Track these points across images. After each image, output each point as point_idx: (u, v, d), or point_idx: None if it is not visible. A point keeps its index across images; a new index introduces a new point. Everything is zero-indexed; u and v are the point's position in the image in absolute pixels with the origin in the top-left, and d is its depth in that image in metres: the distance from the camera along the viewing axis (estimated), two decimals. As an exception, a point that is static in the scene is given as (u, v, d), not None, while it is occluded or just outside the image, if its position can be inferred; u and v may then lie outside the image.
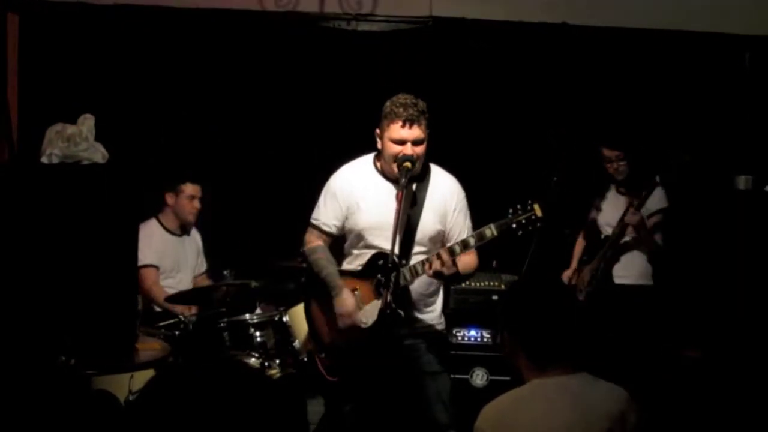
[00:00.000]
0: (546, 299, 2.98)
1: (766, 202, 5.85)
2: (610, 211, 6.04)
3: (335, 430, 4.72)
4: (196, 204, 6.23)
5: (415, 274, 4.38)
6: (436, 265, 4.30)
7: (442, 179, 4.60)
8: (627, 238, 5.91)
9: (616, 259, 5.93)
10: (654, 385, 5.32)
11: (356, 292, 4.47)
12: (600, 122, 6.40)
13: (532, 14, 6.57)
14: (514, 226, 4.36)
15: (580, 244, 6.36)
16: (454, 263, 4.34)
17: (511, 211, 4.38)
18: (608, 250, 5.90)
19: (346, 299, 4.46)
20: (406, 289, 4.42)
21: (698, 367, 5.76)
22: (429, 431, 4.55)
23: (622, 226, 5.82)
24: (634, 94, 6.68)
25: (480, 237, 4.36)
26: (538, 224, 4.50)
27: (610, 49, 6.61)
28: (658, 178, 5.75)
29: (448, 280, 4.55)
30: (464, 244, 4.37)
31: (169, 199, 6.20)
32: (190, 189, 6.21)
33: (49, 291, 4.10)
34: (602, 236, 6.07)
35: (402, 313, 4.36)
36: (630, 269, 5.95)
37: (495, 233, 4.34)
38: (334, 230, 4.62)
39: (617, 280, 5.93)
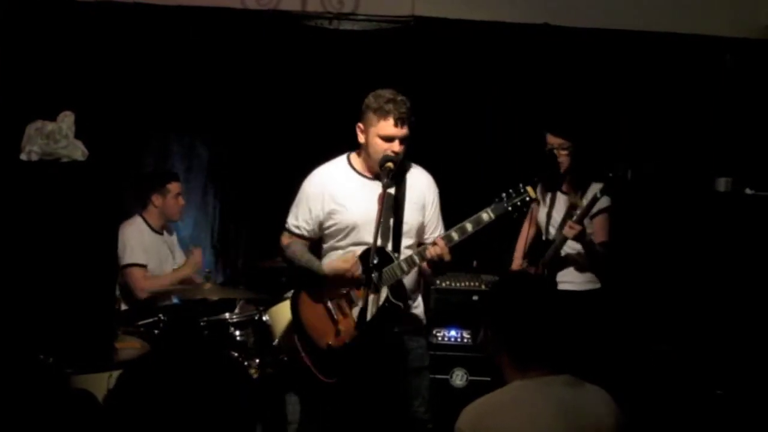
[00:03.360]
0: (530, 298, 2.98)
1: (746, 204, 5.87)
2: (552, 211, 5.78)
3: (316, 429, 4.71)
4: (181, 201, 6.26)
5: (412, 264, 4.40)
6: (436, 251, 4.32)
7: (418, 174, 4.63)
8: (569, 250, 5.65)
9: (560, 266, 5.67)
10: (630, 385, 5.32)
11: (351, 292, 4.46)
12: (581, 122, 6.37)
13: (514, 15, 6.57)
14: (509, 208, 4.39)
15: (524, 239, 5.99)
16: (450, 251, 4.37)
17: (504, 194, 4.41)
18: (550, 259, 5.62)
19: (332, 262, 4.49)
20: (401, 283, 4.43)
21: (670, 362, 5.75)
22: (408, 426, 4.56)
23: (560, 236, 5.54)
24: (615, 95, 6.70)
25: (477, 222, 4.37)
26: (532, 205, 4.70)
27: (592, 51, 6.63)
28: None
29: (442, 269, 4.55)
30: (462, 231, 4.37)
31: (156, 200, 6.21)
32: (176, 187, 6.22)
33: (28, 289, 4.08)
34: (543, 237, 5.81)
35: (402, 305, 4.39)
36: (574, 275, 5.69)
37: (492, 217, 4.37)
38: (306, 233, 4.63)
39: (561, 287, 5.54)
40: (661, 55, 6.62)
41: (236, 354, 5.38)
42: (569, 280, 5.66)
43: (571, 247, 5.63)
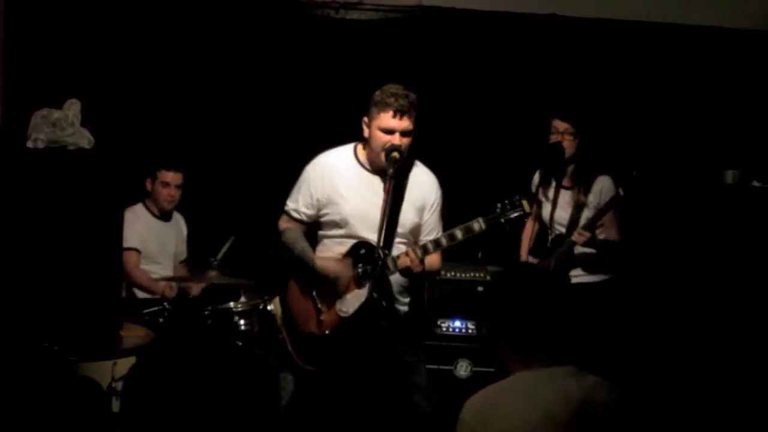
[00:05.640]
0: (532, 290, 2.97)
1: (753, 197, 5.86)
2: (556, 208, 5.68)
3: (308, 412, 4.71)
4: (172, 191, 6.26)
5: (395, 266, 4.40)
6: (405, 261, 4.33)
7: (422, 174, 4.62)
8: (580, 248, 5.52)
9: (573, 263, 5.58)
10: (633, 377, 5.31)
11: (339, 280, 4.46)
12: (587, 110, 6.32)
13: (522, 5, 6.57)
14: (502, 221, 4.36)
15: (527, 236, 5.90)
16: (422, 262, 4.37)
17: (499, 206, 4.38)
18: (562, 257, 5.51)
19: (326, 261, 4.50)
20: (387, 279, 4.43)
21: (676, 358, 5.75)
22: (412, 420, 4.56)
23: (570, 242, 5.45)
24: (621, 87, 6.68)
25: (468, 230, 4.36)
26: (525, 219, 4.68)
27: (599, 41, 6.61)
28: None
29: (414, 278, 4.54)
30: (451, 237, 4.37)
31: (149, 184, 6.27)
32: (165, 176, 6.24)
33: (34, 277, 4.08)
34: (549, 234, 5.72)
35: (384, 303, 4.38)
36: (586, 268, 5.61)
37: (483, 227, 4.35)
38: (305, 218, 4.64)
39: (575, 280, 5.58)
40: (668, 47, 6.61)
41: (240, 343, 5.39)
42: (581, 273, 5.60)
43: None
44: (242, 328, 5.52)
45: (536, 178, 5.76)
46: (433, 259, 4.53)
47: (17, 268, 4.08)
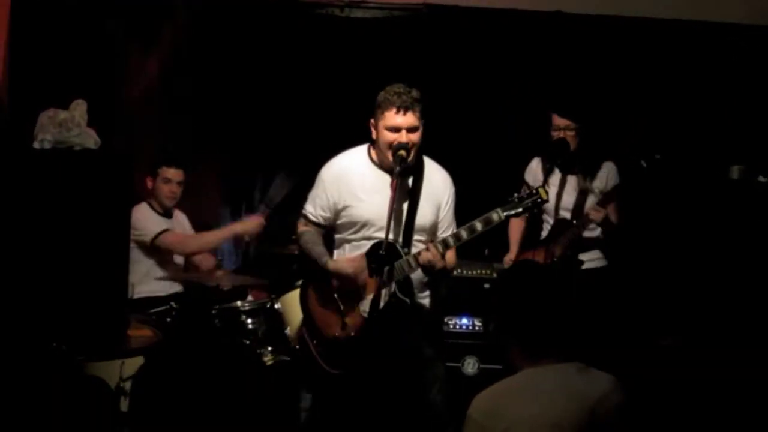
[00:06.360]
0: (537, 288, 2.98)
1: (759, 192, 5.86)
2: (562, 194, 5.73)
3: (328, 421, 4.71)
4: (173, 188, 6.23)
5: (417, 263, 4.39)
6: (427, 256, 4.31)
7: (435, 172, 4.62)
8: (592, 228, 5.65)
9: (581, 247, 5.67)
10: (635, 372, 5.30)
11: (356, 278, 4.45)
12: (588, 104, 6.32)
13: (527, 2, 6.56)
14: (521, 210, 4.36)
15: (518, 226, 6.01)
16: (443, 257, 4.36)
17: (516, 195, 4.38)
18: (571, 240, 5.60)
19: (340, 262, 4.50)
20: (408, 277, 4.43)
21: (675, 354, 5.74)
22: (427, 416, 4.56)
23: (585, 219, 5.55)
24: (627, 82, 6.67)
25: (487, 222, 4.34)
26: (543, 207, 4.70)
27: (605, 38, 6.60)
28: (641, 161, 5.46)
29: (435, 275, 4.53)
30: (471, 230, 4.36)
31: (149, 183, 6.24)
32: (166, 172, 6.22)
33: (41, 277, 4.09)
34: (551, 219, 5.75)
35: (408, 300, 4.38)
36: (593, 254, 5.73)
37: (502, 217, 4.34)
38: (322, 221, 4.64)
39: (587, 265, 5.68)
40: (674, 42, 6.59)
41: (248, 342, 5.41)
42: (588, 258, 5.68)
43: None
44: (249, 326, 5.54)
45: (534, 164, 5.83)
46: (450, 256, 4.52)
47: (25, 269, 4.09)
